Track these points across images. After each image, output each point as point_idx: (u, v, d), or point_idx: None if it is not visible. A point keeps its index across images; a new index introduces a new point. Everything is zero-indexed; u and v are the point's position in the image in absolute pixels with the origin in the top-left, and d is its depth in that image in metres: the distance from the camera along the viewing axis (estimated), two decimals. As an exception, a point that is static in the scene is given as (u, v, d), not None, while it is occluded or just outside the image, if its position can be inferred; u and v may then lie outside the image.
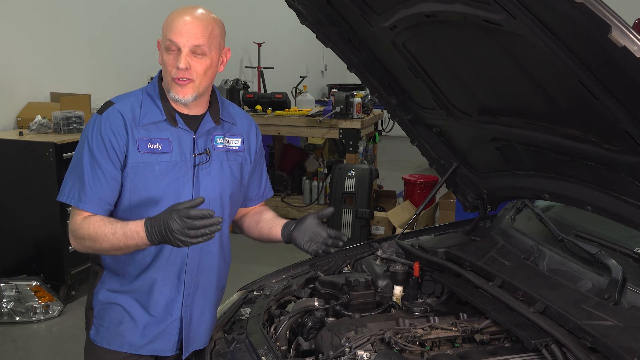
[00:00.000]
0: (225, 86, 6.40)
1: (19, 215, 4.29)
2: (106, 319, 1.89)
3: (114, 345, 1.88)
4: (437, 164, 2.57)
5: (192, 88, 1.77)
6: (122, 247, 1.71)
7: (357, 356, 1.70)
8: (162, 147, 1.79)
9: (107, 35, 5.62)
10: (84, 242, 1.76)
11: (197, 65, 1.76)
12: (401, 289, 2.14)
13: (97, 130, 1.77)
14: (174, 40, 1.73)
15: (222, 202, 1.90)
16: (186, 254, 1.86)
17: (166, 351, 1.91)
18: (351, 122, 5.92)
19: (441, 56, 1.99)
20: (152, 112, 1.81)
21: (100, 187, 1.76)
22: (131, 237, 1.68)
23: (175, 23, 1.74)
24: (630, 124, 1.42)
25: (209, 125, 1.87)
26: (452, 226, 2.75)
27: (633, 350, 1.48)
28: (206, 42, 1.75)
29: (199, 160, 1.84)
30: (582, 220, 2.18)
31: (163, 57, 1.77)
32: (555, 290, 1.82)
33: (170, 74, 1.76)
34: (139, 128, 1.78)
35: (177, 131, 1.82)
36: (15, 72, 4.73)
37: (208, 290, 1.94)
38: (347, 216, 5.68)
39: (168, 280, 1.86)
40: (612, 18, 1.20)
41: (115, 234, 1.70)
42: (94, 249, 1.76)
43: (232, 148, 1.92)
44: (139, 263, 1.85)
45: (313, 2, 2.18)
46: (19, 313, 4.11)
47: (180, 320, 1.89)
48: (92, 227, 1.73)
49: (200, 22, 1.75)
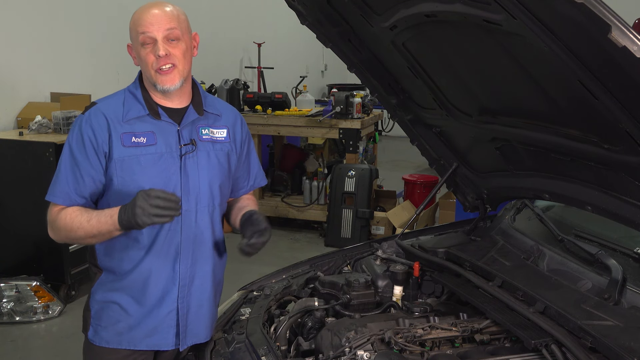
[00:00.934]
0: (225, 86, 6.38)
1: (19, 215, 4.29)
2: (104, 319, 1.91)
3: (112, 343, 1.90)
4: (437, 164, 2.57)
5: (177, 73, 1.83)
6: (96, 233, 1.79)
7: (357, 356, 1.70)
8: (146, 140, 1.84)
9: (107, 35, 5.62)
10: (61, 233, 1.86)
11: (175, 50, 1.82)
12: (401, 289, 2.14)
13: (77, 130, 1.85)
14: (147, 32, 1.80)
15: (211, 192, 1.93)
16: (179, 243, 1.88)
17: (165, 345, 1.92)
18: (351, 122, 5.92)
19: (441, 56, 1.99)
20: (135, 107, 1.87)
21: (75, 182, 1.84)
22: (104, 222, 1.76)
23: (143, 17, 1.81)
24: (630, 124, 1.42)
25: (192, 116, 1.92)
26: (452, 226, 2.76)
27: (633, 350, 1.48)
28: (177, 25, 1.82)
29: (185, 151, 1.88)
30: (582, 220, 2.18)
31: (140, 55, 1.84)
32: (555, 290, 1.82)
33: (151, 66, 1.82)
34: (123, 124, 1.84)
35: (160, 124, 1.87)
36: (15, 72, 4.73)
37: (204, 281, 1.96)
38: (347, 216, 5.68)
39: (163, 272, 1.88)
40: (612, 18, 1.20)
41: (89, 221, 1.79)
42: (70, 238, 1.87)
43: (218, 139, 1.96)
44: (133, 257, 1.88)
45: (313, 2, 2.18)
46: (19, 313, 4.11)
47: (177, 312, 1.91)
48: (69, 217, 1.82)
49: (165, 10, 1.83)
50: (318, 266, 2.47)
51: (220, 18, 7.19)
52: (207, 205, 1.93)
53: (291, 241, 5.88)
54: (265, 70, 7.93)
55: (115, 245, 1.88)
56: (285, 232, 6.10)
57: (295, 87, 8.22)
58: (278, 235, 6.05)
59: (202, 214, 1.92)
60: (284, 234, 6.07)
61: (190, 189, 1.89)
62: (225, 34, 7.31)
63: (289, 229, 6.18)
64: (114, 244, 1.88)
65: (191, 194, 1.89)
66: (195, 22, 1.98)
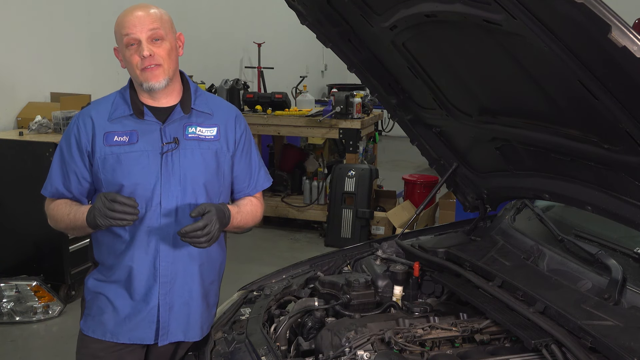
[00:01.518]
0: (225, 86, 6.38)
1: (19, 215, 4.29)
2: (93, 309, 1.98)
3: (97, 333, 1.97)
4: (437, 164, 2.57)
5: (162, 72, 1.88)
6: (73, 227, 1.94)
7: (357, 356, 1.70)
8: (128, 139, 1.91)
9: (107, 35, 5.57)
10: (50, 221, 2.02)
11: (159, 50, 1.87)
12: (401, 289, 2.14)
13: (68, 130, 1.97)
14: (130, 33, 1.85)
15: (194, 190, 1.94)
16: (158, 242, 1.91)
17: (145, 339, 1.95)
18: (351, 122, 5.92)
19: (441, 56, 1.99)
20: (121, 107, 1.94)
21: (62, 177, 1.96)
22: (79, 218, 1.89)
23: (127, 19, 1.87)
24: (630, 124, 1.42)
25: (178, 115, 1.95)
26: (452, 226, 2.75)
27: (633, 350, 1.48)
28: (160, 26, 1.87)
29: (166, 149, 1.91)
30: (582, 220, 2.18)
31: (125, 56, 1.88)
32: (555, 290, 1.82)
33: (137, 67, 1.87)
34: (108, 123, 1.92)
35: (143, 123, 1.92)
36: (15, 72, 4.73)
37: (189, 280, 1.97)
38: (347, 216, 5.68)
39: (144, 269, 1.92)
40: (612, 18, 1.20)
41: (69, 215, 1.93)
42: (60, 228, 2.01)
43: (205, 137, 1.97)
44: (115, 253, 1.94)
45: (313, 2, 2.18)
46: (19, 313, 4.11)
47: (158, 308, 1.93)
48: (56, 209, 1.97)
49: (148, 11, 1.88)
50: (318, 266, 2.47)
51: (220, 18, 7.19)
52: (189, 204, 1.92)
53: (291, 241, 5.87)
54: (265, 70, 7.93)
55: (102, 239, 1.97)
56: (285, 232, 6.10)
57: (295, 87, 8.22)
58: (278, 235, 6.06)
59: (183, 213, 1.91)
60: (284, 234, 6.07)
61: (171, 187, 1.90)
62: (225, 34, 7.31)
63: (289, 229, 6.18)
64: (101, 238, 1.97)
65: (172, 192, 1.90)
66: (195, 22, 1.99)
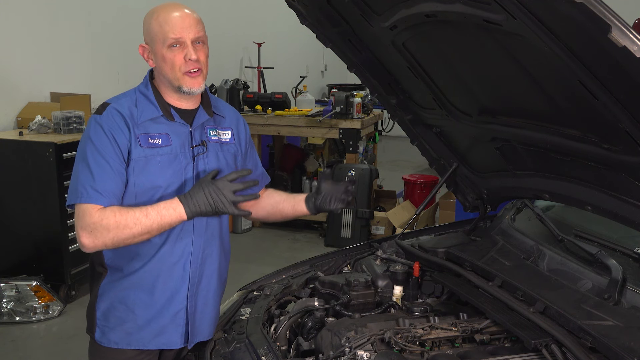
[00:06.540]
0: (225, 86, 6.39)
1: (19, 215, 4.29)
2: (111, 320, 1.90)
3: (122, 344, 1.90)
4: (437, 164, 2.57)
5: (202, 77, 1.89)
6: (155, 227, 1.76)
7: (357, 356, 1.70)
8: (161, 141, 1.86)
9: (107, 35, 5.62)
10: (108, 234, 1.72)
11: (201, 55, 1.86)
12: (401, 289, 2.14)
13: (99, 129, 1.80)
14: (179, 37, 1.82)
15: None
16: (191, 242, 1.90)
17: (174, 344, 1.93)
18: (351, 122, 5.92)
19: (441, 56, 1.99)
20: (149, 109, 1.87)
21: (110, 180, 1.77)
22: (167, 215, 1.76)
23: (173, 21, 1.82)
24: (630, 124, 1.42)
25: (203, 118, 1.95)
26: (452, 226, 2.76)
27: (633, 350, 1.48)
28: (203, 32, 1.88)
29: (197, 152, 1.91)
30: (582, 220, 2.18)
31: (166, 56, 1.82)
32: (555, 290, 1.82)
33: (179, 69, 1.84)
34: (138, 125, 1.85)
35: (174, 125, 1.89)
36: (15, 72, 4.73)
37: (211, 280, 1.98)
38: (347, 216, 5.68)
39: (174, 272, 1.89)
40: (612, 18, 1.20)
41: (148, 216, 1.74)
42: (119, 237, 1.74)
43: (224, 140, 2.00)
44: (144, 255, 1.87)
45: (313, 2, 2.18)
46: (19, 313, 4.11)
47: (186, 311, 1.91)
48: (118, 214, 1.73)
49: (192, 15, 1.86)
50: (318, 266, 2.47)
51: (220, 18, 7.19)
52: None
53: (291, 241, 5.88)
54: (265, 70, 7.93)
55: None
56: (285, 232, 6.11)
57: (295, 87, 8.21)
58: (278, 235, 6.06)
59: None
60: (284, 234, 6.07)
61: None
62: (225, 34, 7.30)
63: (289, 229, 6.18)
64: None
65: None
66: (195, 22, 1.98)
